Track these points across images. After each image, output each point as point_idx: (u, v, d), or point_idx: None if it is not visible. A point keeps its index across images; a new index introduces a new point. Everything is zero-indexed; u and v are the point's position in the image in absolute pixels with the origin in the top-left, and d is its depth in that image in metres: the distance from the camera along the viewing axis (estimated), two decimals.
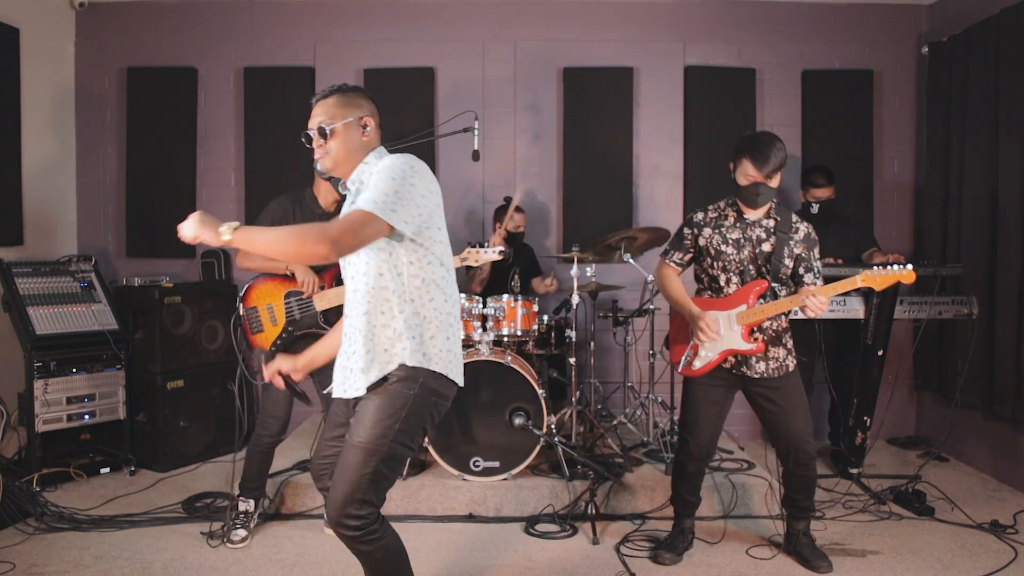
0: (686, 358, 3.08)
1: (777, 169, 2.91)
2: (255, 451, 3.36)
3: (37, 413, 3.95)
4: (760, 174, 2.89)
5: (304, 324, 3.26)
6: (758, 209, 3.00)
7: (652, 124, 5.05)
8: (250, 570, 3.08)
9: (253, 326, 3.27)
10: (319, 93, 2.28)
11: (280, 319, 3.27)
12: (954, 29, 4.57)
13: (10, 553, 3.17)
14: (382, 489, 2.16)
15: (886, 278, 2.82)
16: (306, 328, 3.27)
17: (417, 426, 2.17)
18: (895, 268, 2.82)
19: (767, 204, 3.00)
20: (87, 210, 5.07)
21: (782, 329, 3.04)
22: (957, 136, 4.50)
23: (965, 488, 4.06)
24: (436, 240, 2.19)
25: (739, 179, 2.95)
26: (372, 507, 2.13)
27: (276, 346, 3.25)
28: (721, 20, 5.04)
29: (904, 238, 5.08)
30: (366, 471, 2.09)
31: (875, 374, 4.03)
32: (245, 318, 3.28)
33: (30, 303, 4.07)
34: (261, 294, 3.29)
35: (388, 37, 5.02)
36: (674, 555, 3.16)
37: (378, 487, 2.14)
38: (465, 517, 3.60)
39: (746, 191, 2.94)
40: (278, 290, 3.29)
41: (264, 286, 3.30)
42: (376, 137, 2.30)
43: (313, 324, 3.27)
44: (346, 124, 2.22)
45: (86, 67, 5.02)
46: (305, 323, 3.27)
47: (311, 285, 3.23)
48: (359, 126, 2.25)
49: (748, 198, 2.96)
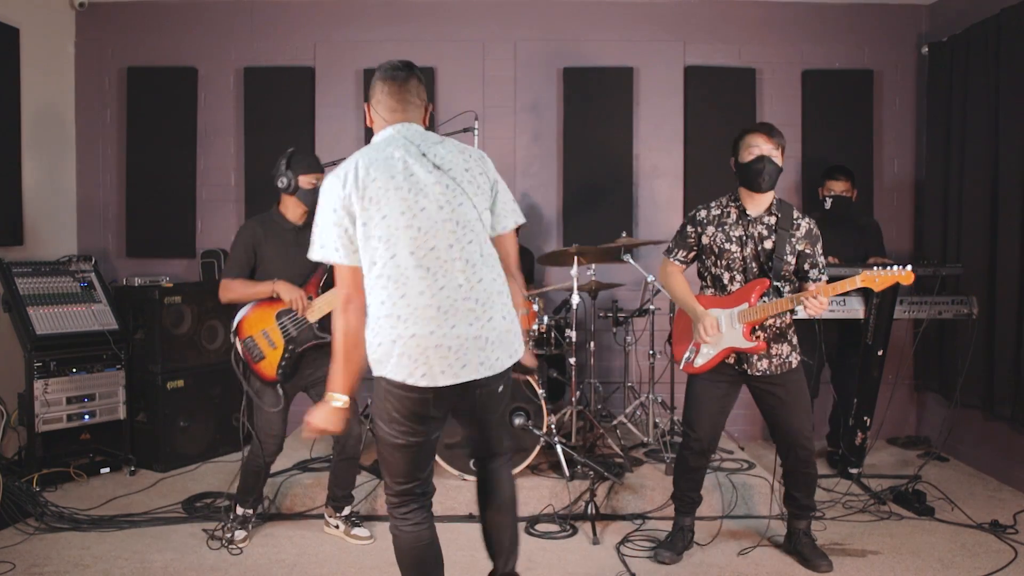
0: (688, 355, 3.09)
1: (780, 143, 2.92)
2: (251, 471, 3.34)
3: (37, 413, 3.95)
4: (770, 142, 2.89)
5: (303, 339, 3.23)
6: (762, 194, 2.96)
7: (652, 124, 5.05)
8: (250, 570, 3.08)
9: (254, 355, 3.22)
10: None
11: (278, 341, 3.22)
12: (954, 29, 4.57)
13: (10, 553, 3.18)
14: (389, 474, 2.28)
15: (885, 279, 2.82)
16: (306, 343, 3.24)
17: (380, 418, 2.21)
18: (894, 269, 2.82)
19: (771, 189, 2.97)
20: (87, 210, 5.07)
21: (786, 325, 3.04)
22: (957, 136, 4.50)
23: (965, 488, 4.06)
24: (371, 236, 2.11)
25: (743, 156, 2.94)
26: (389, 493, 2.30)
27: (282, 368, 3.22)
28: (721, 20, 5.04)
29: (904, 238, 5.08)
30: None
31: (875, 374, 4.03)
32: (244, 350, 3.23)
33: (30, 303, 4.07)
34: (253, 322, 3.24)
35: (388, 37, 5.02)
36: (673, 554, 3.16)
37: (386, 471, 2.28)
38: (465, 517, 3.60)
39: (752, 166, 2.91)
40: (268, 314, 3.24)
41: (254, 314, 3.25)
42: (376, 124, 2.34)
43: (312, 337, 3.24)
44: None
45: (86, 67, 5.02)
46: (304, 338, 3.23)
47: (299, 302, 3.18)
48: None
49: (752, 175, 2.92)
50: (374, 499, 3.65)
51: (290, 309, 3.21)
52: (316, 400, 3.31)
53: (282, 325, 3.23)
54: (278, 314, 3.24)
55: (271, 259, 3.25)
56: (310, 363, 3.29)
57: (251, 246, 3.25)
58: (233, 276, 3.24)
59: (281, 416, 3.28)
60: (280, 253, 3.25)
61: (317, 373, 3.27)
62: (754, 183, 2.94)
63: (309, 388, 3.34)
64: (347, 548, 3.31)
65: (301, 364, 3.28)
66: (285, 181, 3.24)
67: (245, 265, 3.25)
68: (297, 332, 3.22)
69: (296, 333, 3.22)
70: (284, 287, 3.19)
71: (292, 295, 3.18)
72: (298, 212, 3.31)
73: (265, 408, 3.23)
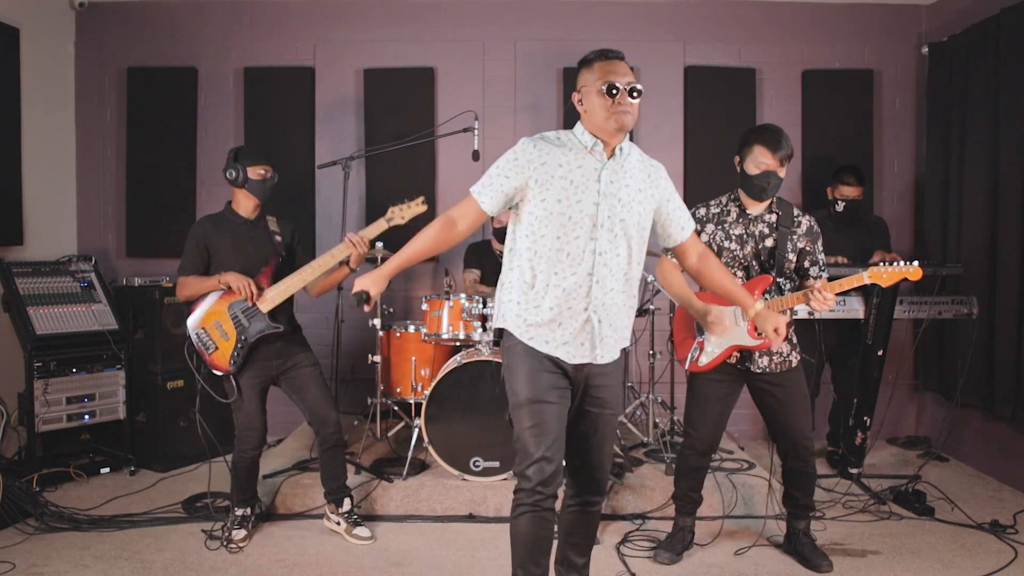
0: (692, 354, 3.08)
1: (788, 157, 2.92)
2: (240, 467, 3.34)
3: (37, 413, 3.95)
4: (775, 159, 2.89)
5: (254, 330, 3.24)
6: (762, 202, 2.99)
7: (652, 124, 5.04)
8: (250, 570, 3.08)
9: (207, 346, 3.23)
10: (615, 53, 2.33)
11: (231, 332, 3.23)
12: (954, 29, 4.57)
13: (10, 553, 3.18)
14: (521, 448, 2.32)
15: (892, 275, 2.82)
16: (258, 333, 3.24)
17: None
18: (901, 265, 2.82)
19: (772, 197, 2.99)
20: (87, 210, 5.07)
21: (787, 324, 3.04)
22: (957, 136, 4.50)
23: (965, 488, 4.07)
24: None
25: (749, 168, 2.94)
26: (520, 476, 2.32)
27: (234, 359, 3.21)
28: (721, 20, 5.04)
29: (904, 238, 5.08)
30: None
31: (875, 374, 4.02)
32: (198, 342, 3.25)
33: (30, 303, 4.08)
34: (207, 315, 3.25)
35: (388, 37, 5.02)
36: (673, 555, 3.16)
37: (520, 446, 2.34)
38: (465, 517, 3.60)
39: (756, 181, 2.93)
40: (220, 305, 3.25)
41: (208, 307, 3.26)
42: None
43: (264, 327, 3.25)
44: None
45: (86, 67, 5.02)
46: (255, 328, 3.24)
47: (247, 289, 3.19)
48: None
49: (756, 189, 2.94)
50: (374, 499, 3.65)
51: (243, 300, 3.23)
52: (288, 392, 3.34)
53: (234, 316, 3.25)
54: (230, 305, 3.25)
55: (224, 253, 3.29)
56: (279, 354, 3.31)
57: (202, 243, 3.29)
58: (187, 273, 3.29)
59: (258, 409, 3.29)
60: (233, 246, 3.29)
61: (287, 363, 3.32)
62: (756, 195, 2.98)
63: (280, 379, 3.35)
64: (347, 548, 3.31)
65: (256, 356, 3.27)
66: (233, 174, 3.29)
67: (198, 262, 3.29)
68: (249, 322, 3.24)
69: (248, 323, 3.24)
70: (232, 276, 3.21)
71: (240, 283, 3.20)
72: (249, 205, 3.36)
73: (218, 399, 3.25)
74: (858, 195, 4.34)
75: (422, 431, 3.66)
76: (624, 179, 2.32)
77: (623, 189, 2.31)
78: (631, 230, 2.32)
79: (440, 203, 5.00)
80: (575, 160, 2.28)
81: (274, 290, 3.26)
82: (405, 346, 4.34)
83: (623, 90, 2.23)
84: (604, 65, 2.28)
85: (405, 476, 3.71)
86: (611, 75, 2.25)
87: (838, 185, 4.38)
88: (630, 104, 2.24)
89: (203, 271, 3.30)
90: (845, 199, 4.33)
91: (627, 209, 2.31)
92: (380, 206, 4.81)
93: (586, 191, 2.27)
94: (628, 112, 2.23)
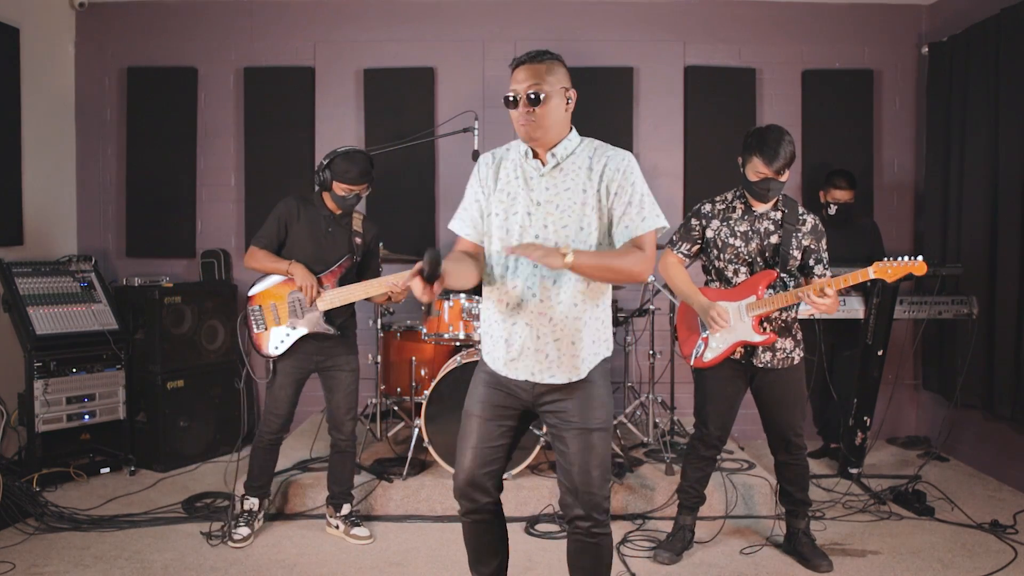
0: (697, 350, 3.08)
1: (787, 165, 2.93)
2: (258, 449, 3.37)
3: (37, 413, 3.95)
4: (770, 170, 2.90)
5: (306, 325, 3.26)
6: (767, 202, 3.02)
7: (652, 124, 5.04)
8: (250, 570, 3.08)
9: (257, 324, 3.28)
10: (522, 57, 2.18)
11: (283, 317, 3.27)
12: (954, 29, 4.57)
13: (10, 553, 3.18)
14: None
15: (898, 269, 2.81)
16: (308, 329, 3.26)
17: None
18: (906, 259, 2.82)
19: (775, 198, 3.02)
20: (87, 210, 5.06)
21: (791, 320, 3.05)
22: (957, 136, 4.50)
23: (965, 488, 4.07)
24: None
25: (749, 175, 2.96)
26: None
27: (277, 345, 3.24)
28: (721, 20, 5.04)
29: (904, 238, 5.08)
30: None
31: (875, 374, 4.03)
32: (249, 316, 3.29)
33: (30, 303, 4.08)
34: (267, 294, 3.30)
35: (388, 37, 5.02)
36: (673, 555, 3.16)
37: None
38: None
39: (757, 187, 2.95)
40: (282, 289, 3.30)
41: (272, 287, 3.30)
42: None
43: (316, 326, 3.26)
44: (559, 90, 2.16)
45: (86, 67, 5.02)
46: (307, 324, 3.26)
47: (310, 290, 3.20)
48: (564, 98, 2.19)
49: (758, 193, 2.97)
50: (374, 499, 3.65)
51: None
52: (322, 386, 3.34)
53: (291, 303, 3.27)
54: (291, 292, 3.28)
55: (299, 239, 3.29)
56: (322, 351, 3.31)
57: (283, 220, 3.28)
58: (261, 246, 3.28)
59: (289, 397, 3.30)
60: (310, 235, 3.29)
61: (327, 362, 3.32)
62: (759, 198, 3.00)
63: (320, 372, 3.37)
64: (347, 548, 3.31)
65: (299, 349, 3.28)
66: (320, 178, 3.27)
67: (273, 237, 3.28)
68: (303, 315, 3.25)
69: (302, 315, 3.25)
70: (299, 270, 3.21)
71: (305, 281, 3.20)
72: (333, 204, 3.35)
73: (256, 378, 3.25)
74: (850, 199, 4.37)
75: (422, 431, 3.66)
76: (565, 183, 2.17)
77: (562, 194, 2.16)
78: (577, 236, 2.14)
79: (440, 203, 5.00)
80: (514, 171, 2.22)
81: (334, 293, 3.26)
82: (405, 346, 4.34)
83: (520, 98, 2.13)
84: (513, 75, 2.16)
85: (405, 476, 3.71)
86: (512, 85, 2.14)
87: (830, 189, 4.39)
88: (530, 112, 2.11)
89: (276, 247, 3.29)
90: (837, 203, 4.36)
91: (567, 214, 2.14)
92: (380, 206, 4.84)
93: (519, 201, 2.18)
94: (529, 122, 2.12)
